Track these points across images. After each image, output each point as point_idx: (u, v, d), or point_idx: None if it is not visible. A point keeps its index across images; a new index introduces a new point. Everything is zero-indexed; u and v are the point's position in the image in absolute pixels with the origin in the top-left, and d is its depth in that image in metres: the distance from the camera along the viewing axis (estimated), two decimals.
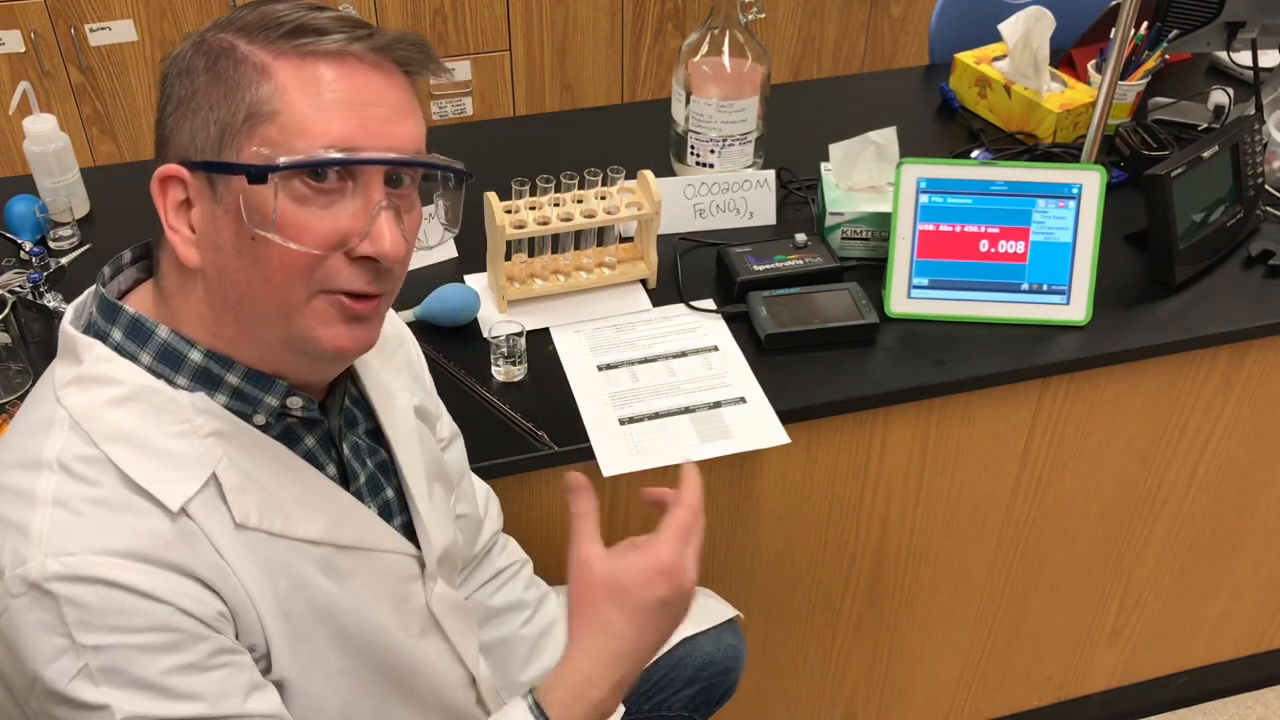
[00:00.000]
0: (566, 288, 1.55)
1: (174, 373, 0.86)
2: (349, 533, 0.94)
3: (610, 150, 1.84)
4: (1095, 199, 1.51)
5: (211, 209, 0.83)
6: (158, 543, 0.81)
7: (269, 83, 0.81)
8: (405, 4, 2.87)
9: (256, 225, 0.81)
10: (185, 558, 0.82)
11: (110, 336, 0.87)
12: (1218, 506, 1.79)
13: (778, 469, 1.48)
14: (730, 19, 1.66)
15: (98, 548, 0.79)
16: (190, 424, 0.85)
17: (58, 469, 0.81)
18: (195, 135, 0.83)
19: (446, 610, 1.05)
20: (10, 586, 0.79)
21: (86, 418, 0.83)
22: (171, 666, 0.80)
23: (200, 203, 0.84)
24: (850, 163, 1.62)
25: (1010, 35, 1.90)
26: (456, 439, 1.23)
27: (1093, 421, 1.59)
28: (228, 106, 0.82)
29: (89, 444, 0.82)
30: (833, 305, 1.51)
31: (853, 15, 3.25)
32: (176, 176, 0.84)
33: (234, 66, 0.82)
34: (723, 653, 1.37)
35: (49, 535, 0.79)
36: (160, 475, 0.83)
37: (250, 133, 0.81)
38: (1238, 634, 2.03)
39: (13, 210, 1.61)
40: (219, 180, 0.82)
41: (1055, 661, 1.94)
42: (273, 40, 0.82)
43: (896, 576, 1.68)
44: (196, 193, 0.84)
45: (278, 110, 0.81)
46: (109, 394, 0.84)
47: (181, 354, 0.86)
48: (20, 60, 2.68)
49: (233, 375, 0.87)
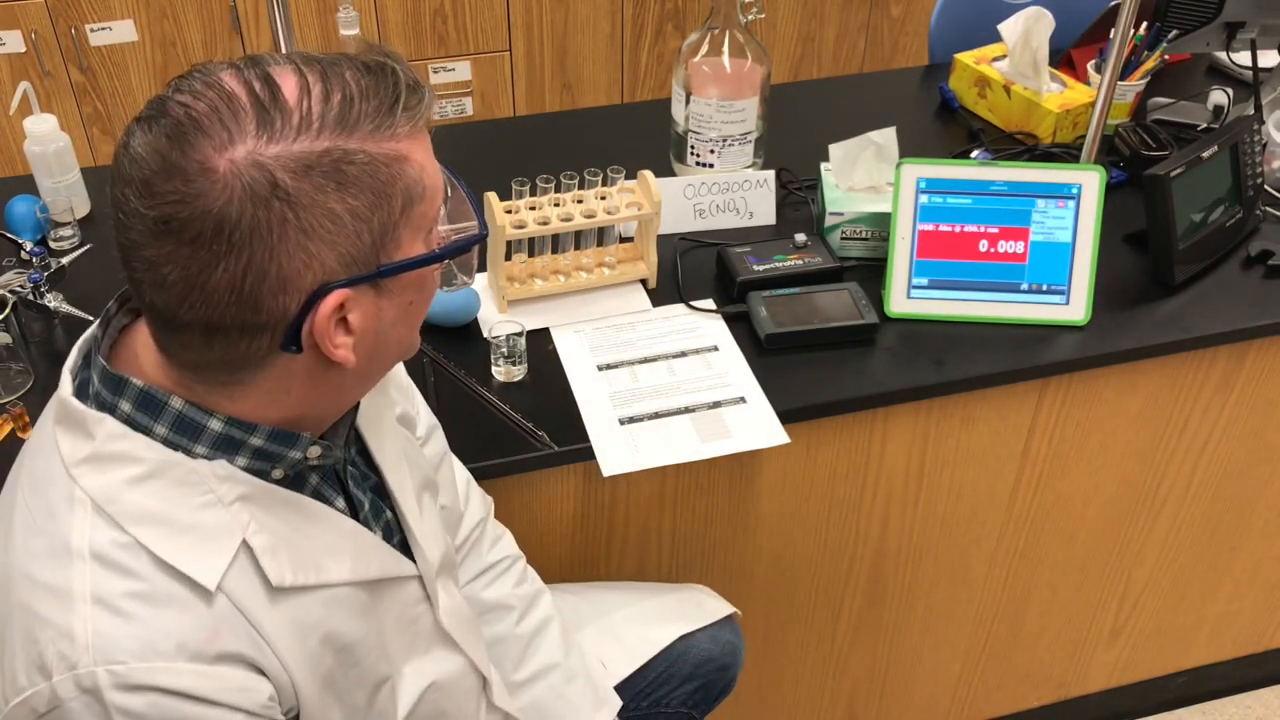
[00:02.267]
0: (566, 288, 1.55)
1: (192, 442, 0.84)
2: (372, 567, 0.94)
3: (610, 150, 1.84)
4: (1095, 199, 1.51)
5: (375, 305, 0.82)
6: (201, 635, 0.80)
7: (411, 165, 0.80)
8: (405, 4, 2.87)
9: (432, 289, 0.86)
10: (229, 643, 0.82)
11: (119, 409, 0.83)
12: (1218, 506, 1.79)
13: (778, 469, 1.48)
14: (730, 19, 1.66)
15: (146, 652, 0.78)
16: (215, 493, 0.83)
17: (90, 559, 0.79)
18: (345, 252, 0.78)
19: (456, 623, 1.06)
20: (61, 690, 0.77)
21: (109, 500, 0.81)
22: None
23: (359, 306, 0.81)
24: (850, 163, 1.62)
25: (1010, 35, 1.90)
26: (435, 430, 1.22)
27: (1092, 421, 1.59)
28: (383, 209, 0.79)
29: (117, 529, 0.80)
30: (833, 305, 1.51)
31: (853, 15, 3.25)
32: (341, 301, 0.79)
33: (371, 170, 0.78)
34: (721, 649, 1.37)
35: (94, 641, 0.77)
36: (192, 552, 0.81)
37: (407, 220, 0.80)
38: (1237, 634, 2.03)
39: (13, 210, 1.61)
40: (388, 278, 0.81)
41: (1055, 661, 1.94)
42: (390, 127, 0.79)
43: (896, 576, 1.69)
44: (355, 300, 0.80)
45: (425, 186, 0.81)
46: (128, 474, 0.82)
47: (200, 424, 0.83)
48: (21, 60, 2.68)
49: (256, 437, 0.85)
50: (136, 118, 0.77)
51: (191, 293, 0.76)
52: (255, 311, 0.77)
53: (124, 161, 0.76)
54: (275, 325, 0.78)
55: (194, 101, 0.75)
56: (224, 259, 0.75)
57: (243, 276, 0.75)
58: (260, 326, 0.78)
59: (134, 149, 0.75)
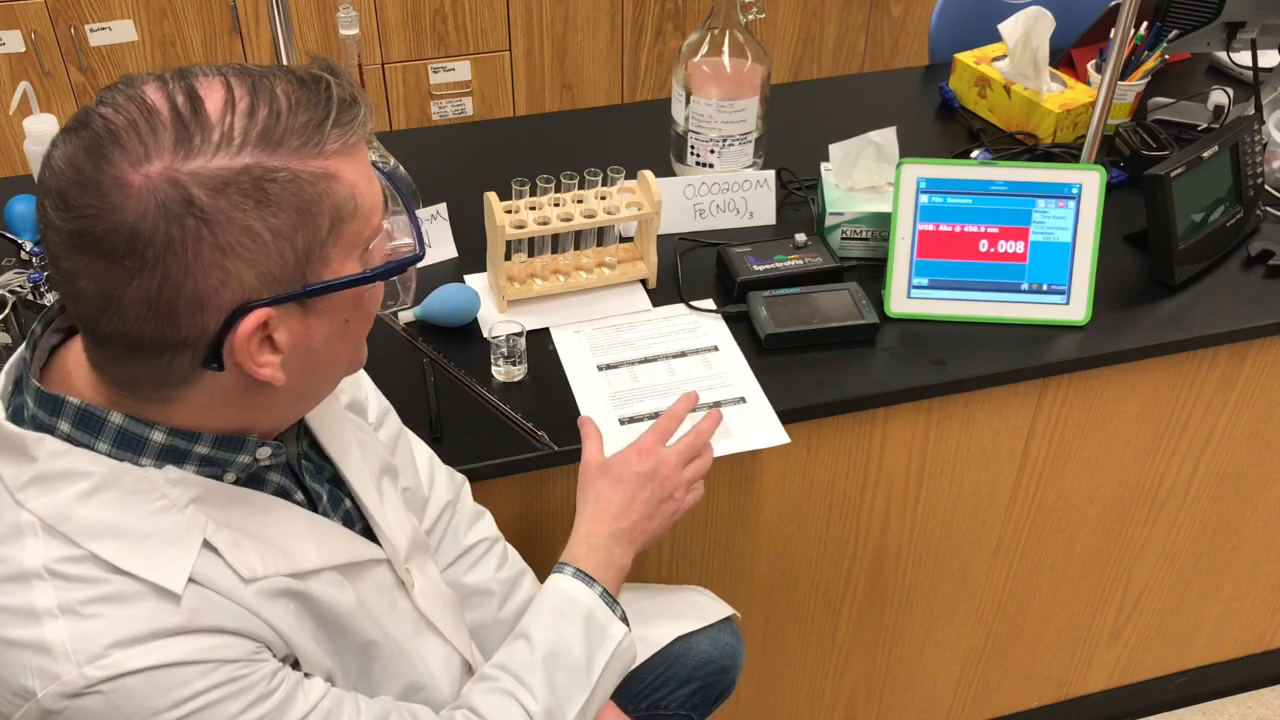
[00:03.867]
0: (566, 288, 1.55)
1: (136, 456, 0.83)
2: (339, 552, 0.94)
3: (610, 150, 1.84)
4: (1095, 199, 1.51)
5: (303, 324, 0.80)
6: (179, 617, 0.80)
7: (341, 185, 0.78)
8: (405, 4, 2.87)
9: (373, 307, 0.85)
10: (208, 619, 0.81)
11: (58, 429, 0.82)
12: (1218, 506, 1.79)
13: (778, 469, 1.48)
14: (730, 19, 1.66)
15: (126, 639, 0.78)
16: (167, 498, 0.83)
17: (48, 577, 0.78)
18: (266, 271, 0.76)
19: (435, 606, 1.06)
20: (49, 704, 0.77)
21: (60, 519, 0.79)
22: (240, 709, 0.81)
23: (286, 324, 0.79)
24: (850, 163, 1.62)
25: (1010, 35, 1.90)
26: (388, 413, 1.21)
27: (1093, 421, 1.59)
28: (307, 227, 0.77)
29: (71, 545, 0.79)
30: (833, 305, 1.51)
31: (853, 15, 3.25)
32: (264, 319, 0.78)
33: (296, 188, 0.76)
34: (720, 651, 1.37)
35: (73, 646, 0.76)
36: (153, 559, 0.80)
37: (336, 239, 0.79)
38: (1238, 634, 2.03)
39: (13, 210, 1.61)
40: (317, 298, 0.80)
41: (1055, 661, 1.94)
42: (320, 145, 0.77)
43: (896, 576, 1.69)
44: (280, 319, 0.79)
45: (357, 206, 0.80)
46: (76, 489, 0.80)
47: (142, 437, 0.82)
48: (20, 60, 2.68)
49: (200, 445, 0.84)
50: (63, 128, 0.76)
51: (108, 307, 0.75)
52: (173, 328, 0.76)
53: (45, 172, 0.75)
54: (195, 342, 0.77)
55: (114, 114, 0.74)
56: (137, 275, 0.74)
57: (157, 292, 0.74)
58: (180, 343, 0.77)
59: (54, 160, 0.74)
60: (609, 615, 1.10)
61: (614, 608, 1.11)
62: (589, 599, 1.09)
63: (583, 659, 1.06)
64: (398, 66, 2.95)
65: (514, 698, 1.02)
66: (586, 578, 1.10)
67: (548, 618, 1.07)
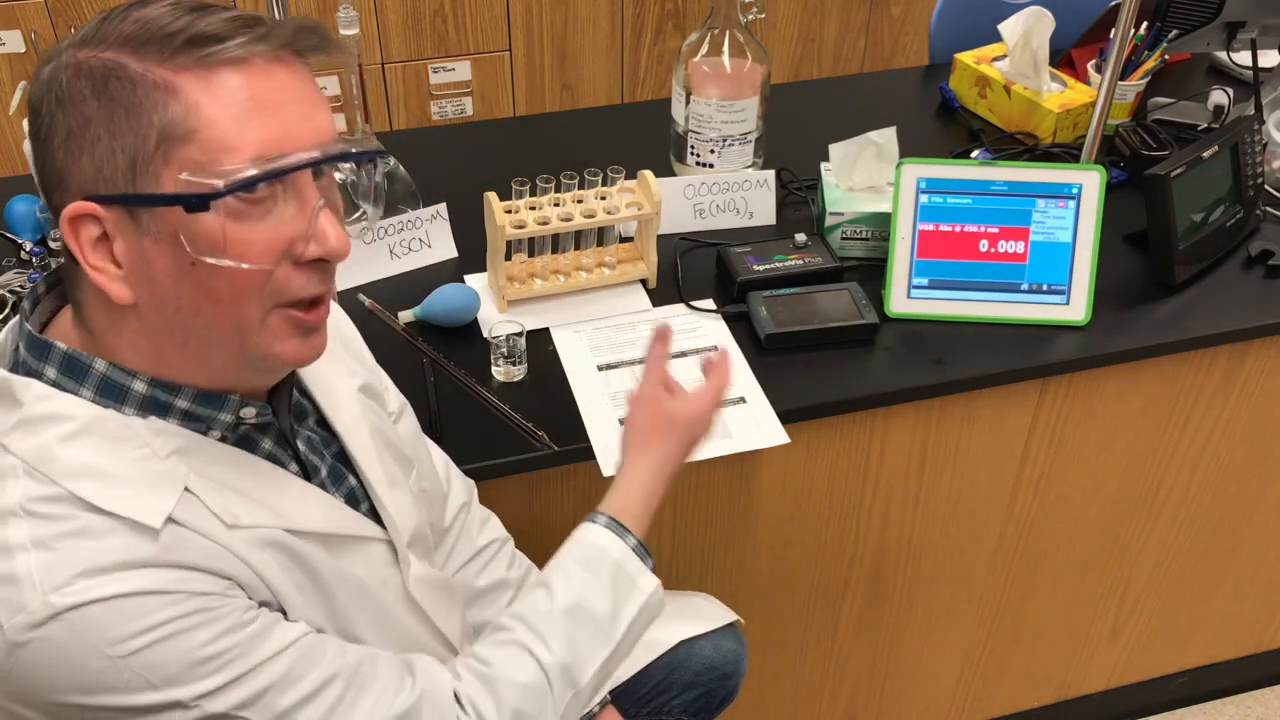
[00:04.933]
0: (566, 288, 1.55)
1: (119, 405, 0.84)
2: (329, 521, 0.94)
3: (610, 150, 1.84)
4: (1095, 199, 1.51)
5: (137, 241, 0.79)
6: (150, 551, 0.79)
7: (177, 101, 0.76)
8: (405, 4, 2.87)
9: (204, 253, 0.78)
10: (181, 556, 0.81)
11: (44, 374, 0.83)
12: (1218, 506, 1.79)
13: (778, 469, 1.48)
14: (730, 19, 1.66)
15: (93, 569, 0.77)
16: (149, 447, 0.83)
17: (23, 514, 0.78)
18: (101, 168, 0.78)
19: (425, 591, 1.04)
20: (14, 635, 0.76)
21: (42, 460, 0.80)
22: (210, 636, 0.80)
23: (121, 236, 0.79)
24: (850, 163, 1.62)
25: (1010, 35, 1.90)
26: (405, 409, 1.20)
27: (1092, 421, 1.59)
28: (134, 133, 0.77)
29: (50, 484, 0.79)
30: (833, 305, 1.51)
31: (853, 15, 3.25)
32: (89, 214, 0.78)
33: (130, 88, 0.76)
34: (723, 657, 1.36)
35: (39, 576, 0.76)
36: (133, 500, 0.80)
37: (167, 157, 0.77)
38: (1238, 634, 2.03)
39: (13, 210, 1.61)
40: (143, 211, 0.78)
41: (1055, 661, 1.94)
42: (169, 54, 0.76)
43: (896, 576, 1.68)
44: (115, 226, 0.79)
45: (194, 129, 0.77)
46: (59, 431, 0.81)
47: (124, 385, 0.84)
48: (20, 60, 2.68)
49: (181, 399, 0.85)
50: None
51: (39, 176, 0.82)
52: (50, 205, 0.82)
53: None
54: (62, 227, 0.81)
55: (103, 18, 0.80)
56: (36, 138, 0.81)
57: (42, 163, 0.81)
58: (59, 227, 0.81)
59: None
60: (639, 567, 1.04)
61: (646, 559, 1.05)
62: (619, 550, 1.03)
63: (608, 613, 1.00)
64: (398, 66, 2.95)
65: (527, 649, 0.97)
66: (620, 528, 1.04)
67: (573, 568, 1.02)
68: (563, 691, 0.97)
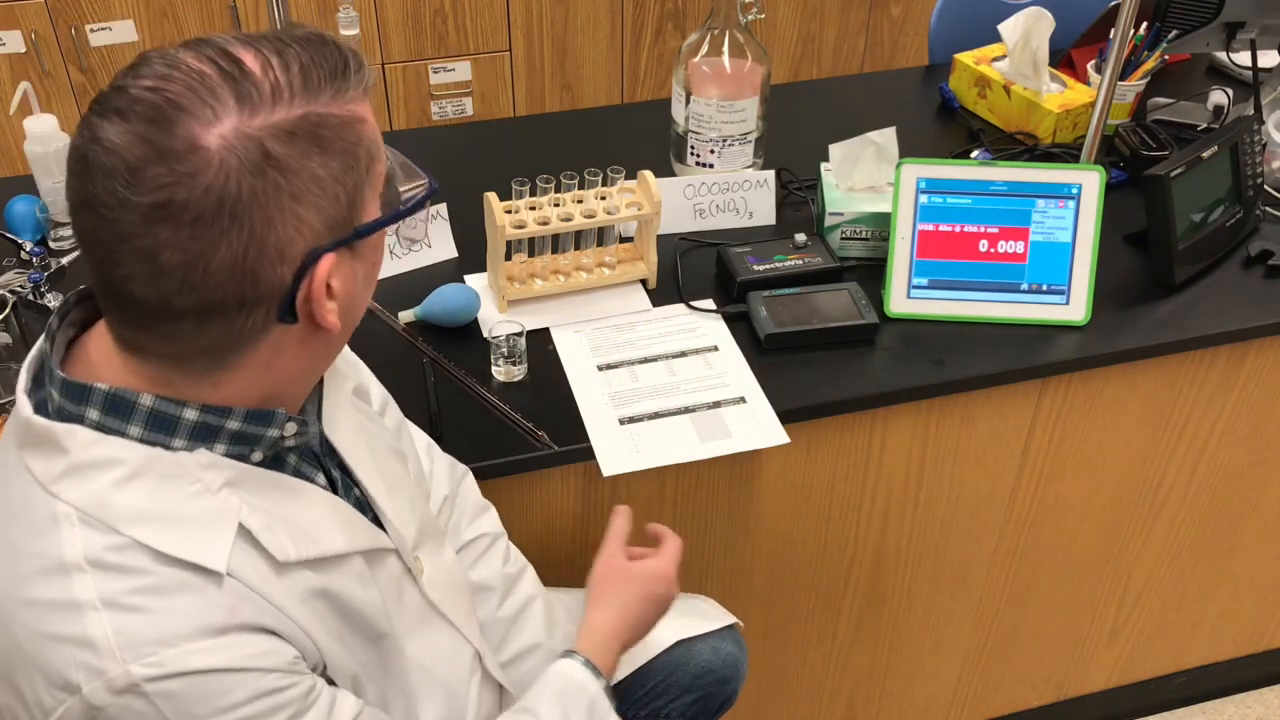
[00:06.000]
0: (566, 288, 1.55)
1: (168, 437, 0.83)
2: (360, 538, 0.95)
3: (610, 150, 1.84)
4: (1095, 199, 1.51)
5: (352, 268, 0.84)
6: (220, 614, 0.80)
7: (367, 126, 0.82)
8: (405, 4, 2.87)
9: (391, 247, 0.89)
10: (247, 617, 0.82)
11: (86, 417, 0.82)
12: (1217, 506, 1.79)
13: (778, 469, 1.48)
14: (730, 19, 1.66)
15: (171, 638, 0.77)
16: (201, 482, 0.83)
17: (90, 568, 0.78)
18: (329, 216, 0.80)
19: (444, 594, 1.06)
20: (94, 699, 0.76)
21: (99, 507, 0.79)
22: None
23: (340, 270, 0.82)
24: (850, 163, 1.62)
25: (1010, 35, 1.90)
26: (388, 401, 1.21)
27: (1092, 421, 1.59)
28: (354, 170, 0.81)
29: (110, 533, 0.79)
30: (832, 305, 1.51)
31: (853, 15, 3.25)
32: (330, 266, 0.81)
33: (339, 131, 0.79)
34: (721, 661, 1.35)
35: (118, 642, 0.76)
36: (193, 541, 0.81)
37: (370, 178, 0.83)
38: (1237, 634, 2.03)
39: (13, 210, 1.61)
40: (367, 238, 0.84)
41: (1055, 661, 1.94)
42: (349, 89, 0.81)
43: (896, 576, 1.69)
44: (338, 264, 0.82)
45: (379, 145, 0.84)
46: (112, 477, 0.80)
47: (174, 417, 0.83)
48: (21, 60, 2.68)
49: (233, 420, 0.85)
50: (94, 113, 0.76)
51: (192, 276, 0.76)
52: (255, 285, 0.78)
53: (98, 155, 0.74)
54: (272, 297, 0.79)
55: (165, 84, 0.74)
56: (226, 235, 0.75)
57: (244, 251, 0.76)
58: (258, 300, 0.79)
59: (108, 140, 0.74)
60: (607, 709, 1.11)
61: (613, 702, 1.12)
62: (595, 689, 1.10)
63: None
64: (398, 66, 2.95)
65: None
66: (596, 670, 1.11)
67: (554, 700, 1.07)
68: None
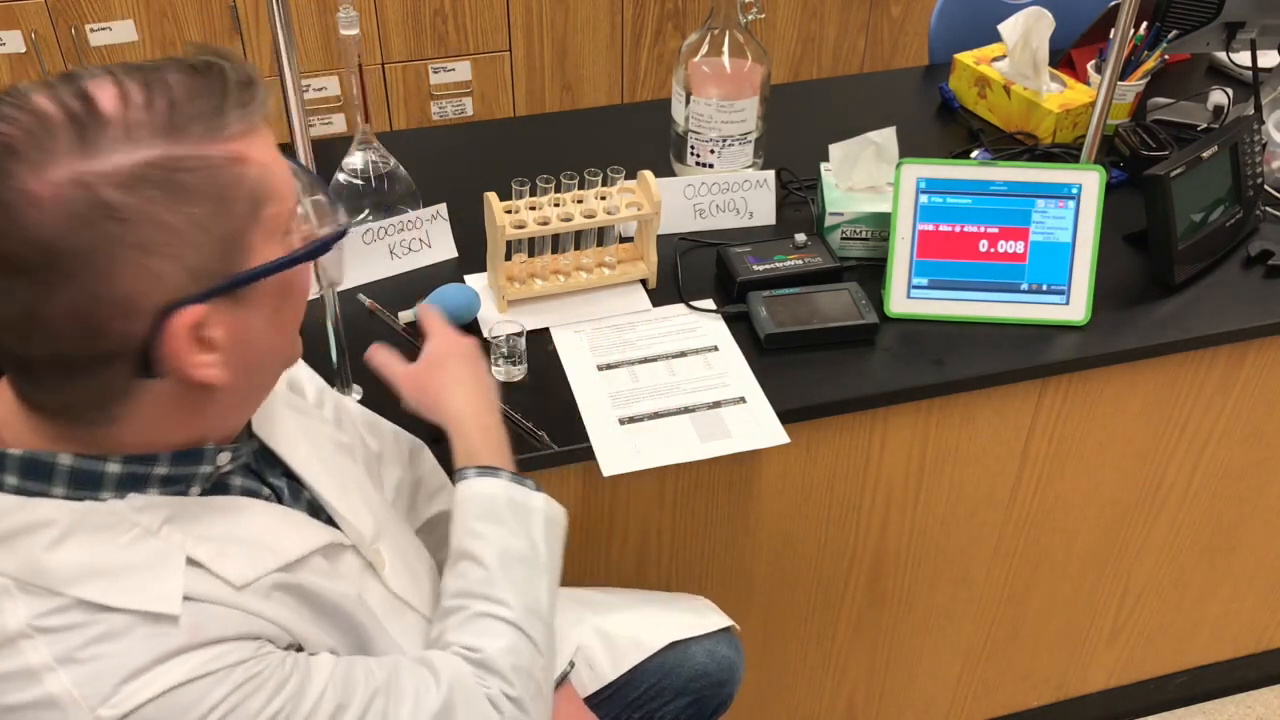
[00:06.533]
0: (566, 288, 1.55)
1: (94, 493, 0.80)
2: (313, 538, 0.93)
3: (610, 150, 1.84)
4: (1095, 199, 1.51)
5: (234, 316, 0.78)
6: (179, 639, 0.78)
7: (251, 166, 0.76)
8: (405, 4, 2.87)
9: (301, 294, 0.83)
10: (210, 632, 0.80)
11: (4, 484, 0.79)
12: (1218, 506, 1.79)
13: (777, 469, 1.48)
14: (730, 19, 1.66)
15: (132, 672, 0.75)
16: (140, 525, 0.80)
17: (36, 634, 0.75)
18: (192, 266, 0.74)
19: (406, 584, 1.04)
20: None
21: (34, 573, 0.76)
22: (263, 702, 0.81)
23: (221, 320, 0.78)
24: (850, 163, 1.62)
25: (1010, 35, 1.90)
26: (324, 392, 1.19)
27: (1092, 421, 1.59)
28: (225, 215, 0.75)
29: (51, 596, 0.75)
30: (832, 305, 1.51)
31: (853, 15, 3.25)
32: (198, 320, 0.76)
33: (207, 176, 0.74)
34: (717, 665, 1.33)
35: (80, 693, 0.74)
36: (141, 590, 0.78)
37: (256, 223, 0.77)
38: (1237, 633, 2.03)
39: None
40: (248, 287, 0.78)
41: (1055, 661, 1.94)
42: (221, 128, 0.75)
43: (896, 576, 1.69)
44: (215, 314, 0.77)
45: (269, 186, 0.78)
46: (44, 539, 0.77)
47: (97, 473, 0.80)
48: (21, 60, 2.68)
49: (159, 466, 0.83)
50: None
51: (35, 329, 0.73)
52: (103, 339, 0.74)
53: None
54: (127, 352, 0.75)
55: (7, 128, 0.70)
56: (58, 288, 0.71)
57: (81, 304, 0.72)
58: (111, 355, 0.75)
59: None
60: (525, 493, 1.07)
61: (523, 481, 1.07)
62: (503, 488, 1.06)
63: (528, 546, 1.04)
64: (398, 66, 2.95)
65: (490, 615, 1.00)
66: (491, 470, 1.07)
67: (478, 526, 1.04)
68: (539, 633, 1.01)
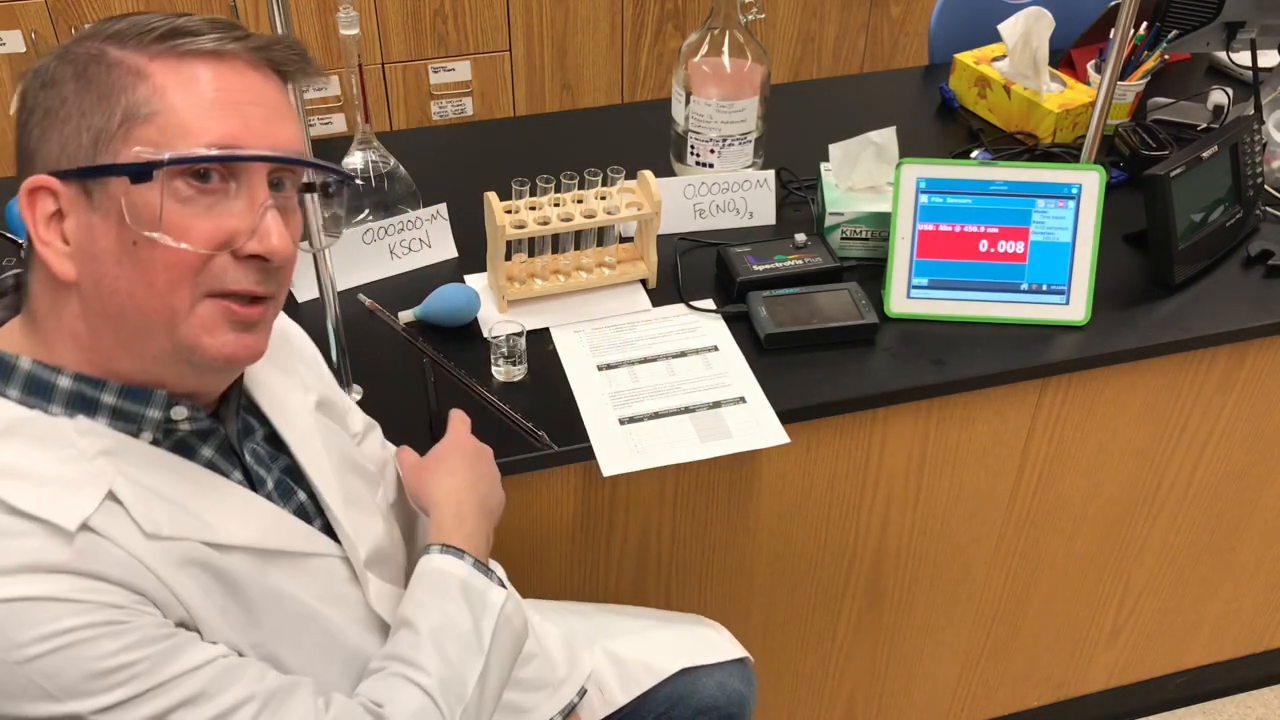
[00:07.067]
0: (566, 288, 1.55)
1: (46, 402, 0.84)
2: (269, 537, 0.92)
3: (610, 150, 1.84)
4: (1095, 199, 1.51)
5: (87, 218, 0.81)
6: (61, 557, 0.78)
7: (146, 84, 0.81)
8: (405, 4, 2.87)
9: (142, 226, 0.80)
10: (92, 565, 0.79)
11: None
12: (1217, 506, 1.79)
13: (777, 469, 1.48)
14: (730, 19, 1.66)
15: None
16: (75, 447, 0.82)
17: None
18: (66, 145, 0.81)
19: (388, 608, 1.03)
20: None
21: None
22: (118, 647, 0.78)
23: (74, 213, 0.82)
24: (850, 163, 1.62)
25: (1010, 35, 1.90)
26: (373, 430, 1.20)
27: (1092, 421, 1.59)
28: (102, 112, 0.80)
29: None
30: (832, 305, 1.51)
31: (853, 15, 3.25)
32: (46, 188, 0.81)
33: (106, 72, 0.81)
34: (727, 698, 1.31)
35: None
36: (52, 500, 0.79)
37: (127, 135, 0.80)
38: (1237, 634, 2.03)
39: (13, 210, 1.61)
40: (96, 186, 0.81)
41: (1055, 661, 1.94)
42: (146, 44, 0.81)
43: (896, 576, 1.69)
44: (70, 203, 0.82)
45: (156, 111, 0.80)
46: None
47: (48, 382, 0.84)
48: (20, 60, 2.68)
49: (108, 395, 0.85)
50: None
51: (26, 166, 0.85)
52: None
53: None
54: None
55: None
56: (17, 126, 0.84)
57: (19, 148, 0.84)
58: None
59: None
60: (485, 582, 1.04)
61: (489, 574, 1.05)
62: (462, 570, 1.04)
63: (470, 628, 1.01)
64: (398, 66, 2.95)
65: (405, 678, 0.96)
66: (456, 551, 1.05)
67: (425, 599, 1.01)
68: (451, 706, 0.96)
